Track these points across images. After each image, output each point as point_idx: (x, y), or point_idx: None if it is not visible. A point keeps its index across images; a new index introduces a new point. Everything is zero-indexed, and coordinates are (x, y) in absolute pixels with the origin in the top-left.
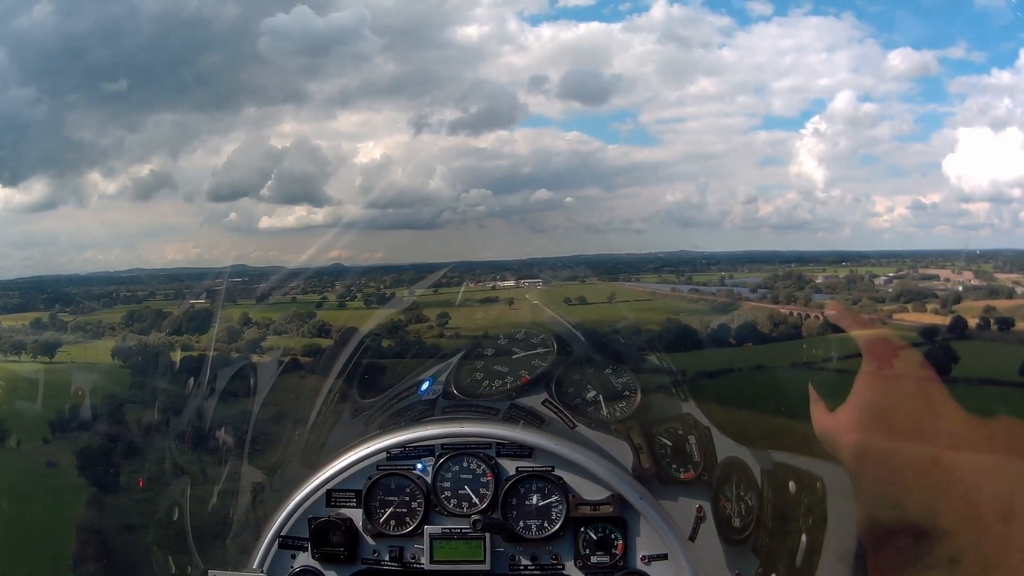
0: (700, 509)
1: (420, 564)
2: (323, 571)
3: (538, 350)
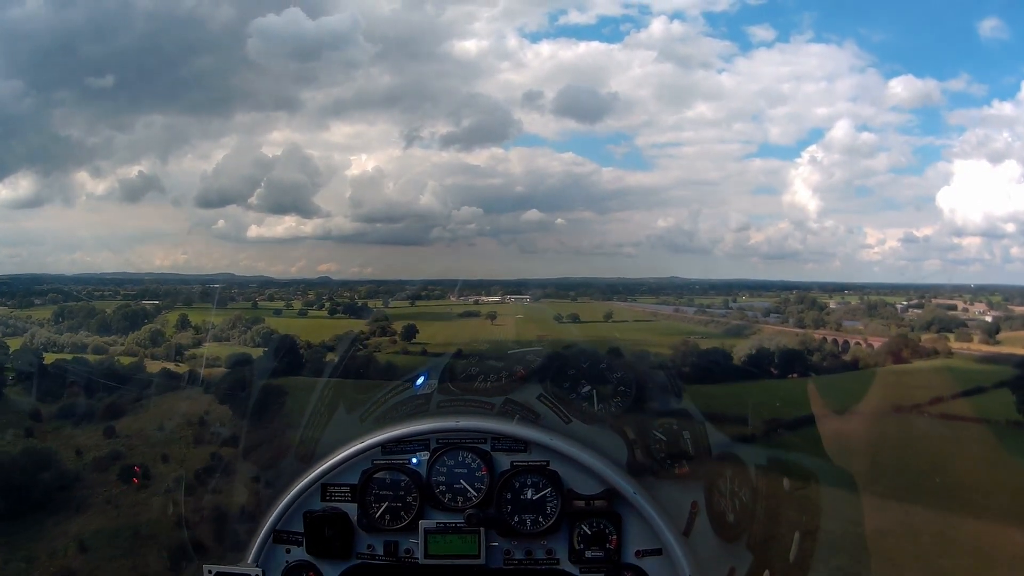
0: (694, 504)
1: (415, 558)
2: (318, 565)
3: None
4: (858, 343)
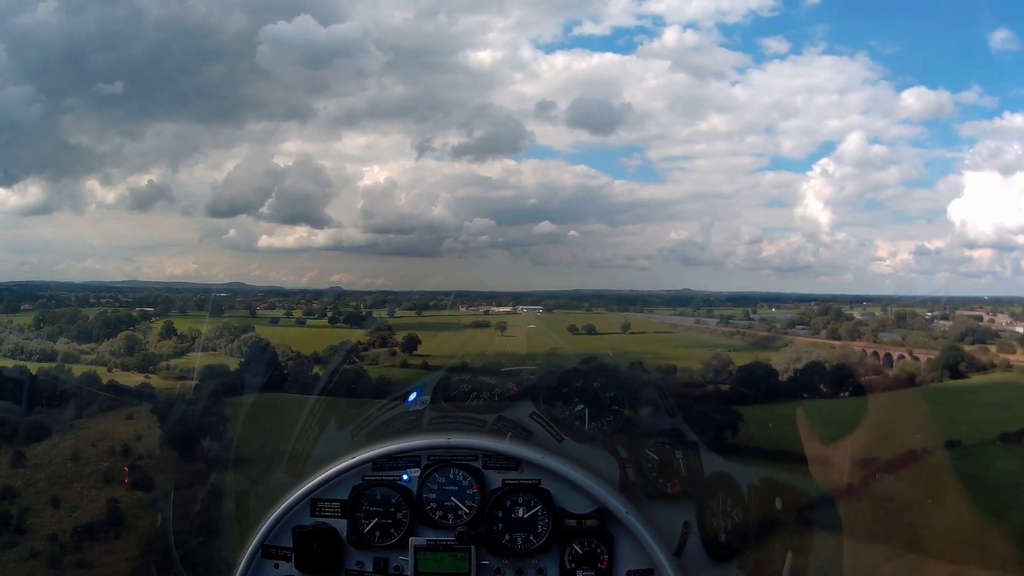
0: (686, 524)
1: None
2: None
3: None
4: (902, 356)
